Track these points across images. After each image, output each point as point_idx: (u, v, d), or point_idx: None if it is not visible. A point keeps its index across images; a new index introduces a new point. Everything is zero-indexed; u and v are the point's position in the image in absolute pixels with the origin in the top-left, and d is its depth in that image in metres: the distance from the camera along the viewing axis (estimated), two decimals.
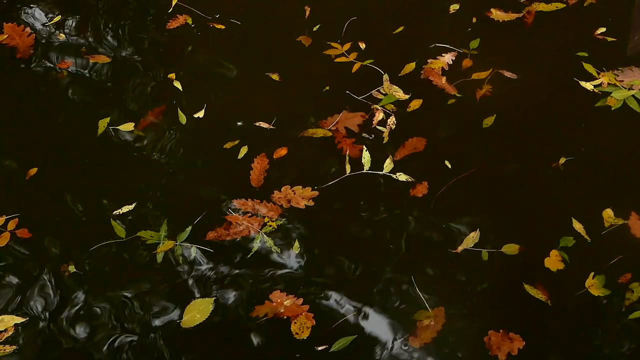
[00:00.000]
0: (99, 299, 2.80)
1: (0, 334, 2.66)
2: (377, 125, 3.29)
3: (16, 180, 3.27)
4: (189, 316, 2.66)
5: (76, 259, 2.93)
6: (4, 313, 2.74)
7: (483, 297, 2.68)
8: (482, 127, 3.21)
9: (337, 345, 2.58)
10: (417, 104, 3.35)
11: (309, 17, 3.96)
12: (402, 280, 2.76)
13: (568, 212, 2.87)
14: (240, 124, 3.40)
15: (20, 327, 2.70)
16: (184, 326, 2.66)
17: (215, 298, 2.75)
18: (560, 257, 2.70)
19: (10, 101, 3.73)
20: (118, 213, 3.07)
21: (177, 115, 3.48)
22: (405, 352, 2.57)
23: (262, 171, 3.16)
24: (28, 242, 3.00)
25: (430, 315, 2.61)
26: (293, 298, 2.71)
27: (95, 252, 2.95)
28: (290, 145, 3.27)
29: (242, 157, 3.24)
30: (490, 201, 2.97)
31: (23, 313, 2.77)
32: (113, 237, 2.98)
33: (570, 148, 3.09)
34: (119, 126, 3.46)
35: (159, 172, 3.27)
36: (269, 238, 2.93)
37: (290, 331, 2.63)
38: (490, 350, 2.48)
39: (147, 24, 4.11)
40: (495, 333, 2.50)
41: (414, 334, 2.59)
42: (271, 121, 3.38)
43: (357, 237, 2.93)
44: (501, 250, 2.77)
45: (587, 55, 3.42)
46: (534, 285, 2.64)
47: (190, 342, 2.65)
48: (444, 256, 2.80)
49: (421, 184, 3.02)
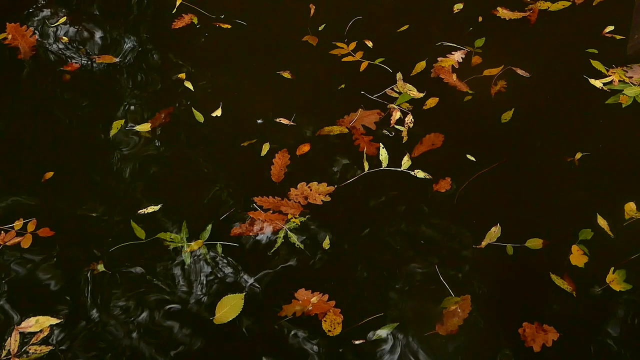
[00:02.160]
0: (129, 298, 2.77)
1: (36, 334, 2.62)
2: (396, 124, 3.30)
3: (33, 184, 3.23)
4: (221, 313, 2.65)
5: (103, 259, 2.89)
6: (39, 314, 2.70)
7: (509, 289, 2.70)
8: (501, 122, 3.24)
9: (379, 334, 2.58)
10: (433, 101, 3.37)
11: (313, 16, 3.97)
12: (428, 273, 2.76)
13: (586, 206, 2.90)
14: (261, 122, 3.40)
15: (56, 327, 2.66)
16: (217, 323, 2.64)
17: (245, 293, 2.73)
18: (582, 251, 2.73)
19: (17, 103, 3.68)
20: (143, 212, 3.04)
21: (193, 114, 3.46)
22: (434, 341, 2.58)
23: (283, 166, 3.17)
24: (51, 243, 2.97)
25: (458, 301, 2.62)
26: (319, 295, 2.71)
27: (119, 252, 2.92)
28: (308, 142, 3.27)
29: (259, 153, 3.24)
30: (510, 196, 2.99)
31: (57, 313, 2.73)
32: (134, 238, 2.95)
33: (584, 144, 3.13)
34: (135, 127, 3.43)
35: (178, 171, 3.25)
36: (292, 234, 2.92)
37: (322, 329, 2.62)
38: (525, 342, 2.49)
39: (152, 24, 4.08)
40: (530, 325, 2.52)
41: (441, 322, 2.60)
42: (288, 119, 3.39)
43: (379, 234, 2.94)
44: (525, 245, 2.79)
45: (597, 52, 3.46)
46: (561, 276, 2.67)
47: (223, 340, 2.63)
48: (469, 251, 2.81)
49: (444, 179, 3.03)
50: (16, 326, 2.66)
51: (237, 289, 2.76)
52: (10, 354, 2.58)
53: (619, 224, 2.83)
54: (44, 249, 2.95)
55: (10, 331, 2.65)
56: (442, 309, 2.64)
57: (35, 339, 2.61)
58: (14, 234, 2.97)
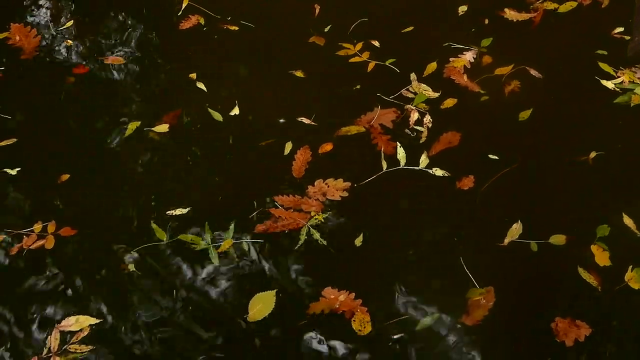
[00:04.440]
0: (163, 297, 2.75)
1: (76, 334, 2.59)
2: (415, 125, 3.32)
3: (49, 187, 3.20)
4: (254, 310, 2.63)
5: (131, 258, 2.88)
6: (76, 313, 2.67)
7: (533, 283, 2.72)
8: (516, 121, 3.27)
9: (421, 325, 2.60)
10: (451, 102, 3.39)
11: (318, 17, 3.99)
12: (453, 268, 2.77)
13: (604, 204, 2.94)
14: (283, 121, 3.40)
15: (95, 327, 2.63)
16: (250, 320, 2.63)
17: (277, 290, 2.73)
18: (602, 249, 2.75)
19: (24, 104, 3.64)
20: (171, 214, 3.03)
21: (207, 114, 3.45)
22: (459, 330, 2.59)
23: (305, 163, 3.17)
24: (76, 243, 2.94)
25: (483, 292, 2.64)
26: (346, 293, 2.71)
27: (145, 252, 2.90)
28: (327, 142, 3.28)
29: (278, 152, 3.25)
30: (529, 194, 3.02)
31: (94, 312, 2.70)
32: (156, 239, 2.94)
33: (598, 143, 3.16)
34: (153, 127, 3.41)
35: (197, 170, 3.24)
36: (315, 231, 2.92)
37: (351, 327, 2.62)
38: (557, 336, 2.52)
39: (158, 25, 4.08)
40: (562, 320, 2.54)
41: (467, 312, 2.62)
42: (308, 118, 3.40)
43: (399, 231, 2.95)
44: (549, 242, 2.81)
45: (607, 53, 3.52)
46: (588, 270, 2.70)
47: (255, 338, 2.63)
48: (493, 248, 2.83)
49: (467, 177, 3.06)
50: (56, 324, 2.63)
51: (264, 286, 2.75)
52: (51, 351, 2.55)
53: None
54: (69, 249, 2.92)
55: (50, 329, 2.63)
56: (467, 299, 2.64)
57: (75, 338, 2.58)
58: (35, 237, 2.94)
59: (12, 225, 3.02)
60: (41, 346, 2.60)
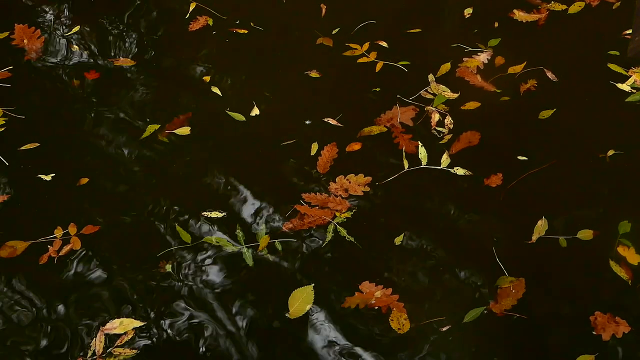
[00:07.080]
0: (196, 300, 2.73)
1: (120, 337, 2.55)
2: (436, 126, 3.34)
3: (68, 190, 3.16)
4: (294, 307, 2.62)
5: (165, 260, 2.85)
6: (118, 316, 2.64)
7: (567, 277, 2.74)
8: (535, 120, 3.30)
9: (469, 316, 2.60)
10: (473, 105, 3.41)
11: (324, 18, 4.00)
12: (484, 265, 2.79)
13: (623, 201, 2.99)
14: (309, 122, 3.40)
15: (139, 330, 2.59)
16: (292, 317, 2.62)
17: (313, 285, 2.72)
18: (627, 246, 2.79)
19: (32, 107, 3.60)
20: (207, 215, 3.00)
21: (225, 115, 3.44)
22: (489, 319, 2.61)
23: (330, 159, 3.18)
24: (103, 245, 2.91)
25: (513, 281, 2.67)
26: (382, 288, 2.71)
27: (177, 253, 2.88)
28: (349, 142, 3.29)
29: (301, 151, 3.26)
30: (554, 192, 3.04)
31: (137, 314, 2.67)
32: (181, 242, 2.92)
33: (614, 141, 3.21)
34: (175, 130, 3.39)
35: (221, 170, 3.22)
36: (342, 228, 2.92)
37: (391, 328, 2.62)
38: (595, 329, 2.54)
39: (167, 27, 4.06)
40: (602, 315, 2.56)
41: (495, 299, 2.64)
42: (333, 118, 3.40)
43: (426, 228, 2.96)
44: (576, 237, 2.84)
45: (619, 53, 3.58)
46: (619, 264, 2.73)
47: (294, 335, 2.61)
48: (521, 245, 2.85)
49: (496, 175, 3.08)
50: (101, 327, 2.59)
51: (297, 283, 2.74)
52: (96, 354, 2.52)
53: None
54: (97, 251, 2.89)
55: (95, 332, 2.60)
56: (496, 287, 2.66)
57: (119, 341, 2.54)
58: (60, 242, 2.89)
59: (31, 233, 2.96)
60: (86, 349, 2.56)
